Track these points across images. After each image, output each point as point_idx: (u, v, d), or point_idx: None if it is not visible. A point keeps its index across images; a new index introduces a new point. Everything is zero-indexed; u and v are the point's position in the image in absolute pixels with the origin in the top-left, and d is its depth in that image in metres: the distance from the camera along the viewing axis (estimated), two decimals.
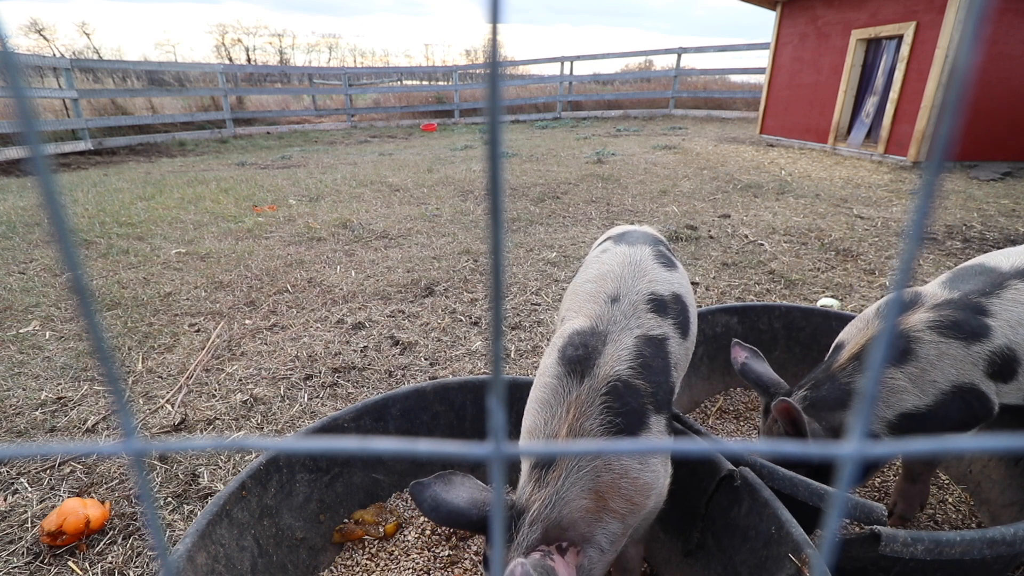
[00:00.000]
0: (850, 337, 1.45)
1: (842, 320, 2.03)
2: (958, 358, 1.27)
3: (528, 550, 1.00)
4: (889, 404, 1.29)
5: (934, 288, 1.42)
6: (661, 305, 1.28)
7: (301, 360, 2.52)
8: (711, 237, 4.16)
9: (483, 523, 1.05)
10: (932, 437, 1.26)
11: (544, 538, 1.02)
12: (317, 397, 2.25)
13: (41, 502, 1.68)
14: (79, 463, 1.85)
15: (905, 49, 6.78)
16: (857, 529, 1.49)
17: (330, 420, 1.49)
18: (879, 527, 1.03)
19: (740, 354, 1.53)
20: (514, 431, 1.46)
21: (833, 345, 1.52)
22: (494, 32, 0.23)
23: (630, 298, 1.28)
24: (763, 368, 1.50)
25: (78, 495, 1.70)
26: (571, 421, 1.09)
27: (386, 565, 1.43)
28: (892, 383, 1.29)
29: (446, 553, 1.46)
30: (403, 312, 3.01)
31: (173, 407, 2.16)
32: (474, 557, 1.46)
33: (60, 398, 2.21)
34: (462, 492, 1.08)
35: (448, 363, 2.50)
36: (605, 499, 1.05)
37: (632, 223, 4.53)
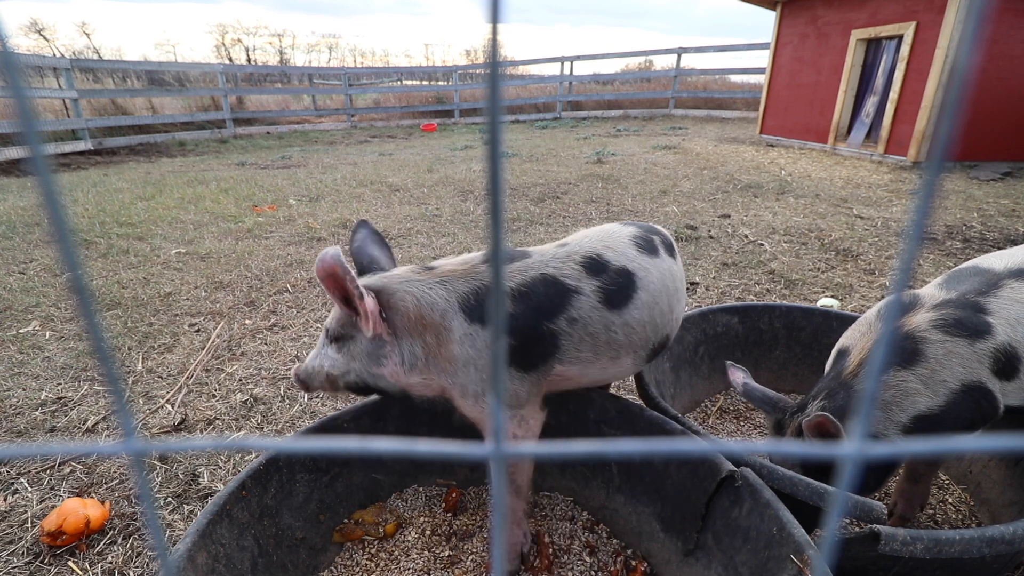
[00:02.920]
0: (854, 342, 1.43)
1: (842, 320, 2.03)
2: (965, 356, 1.26)
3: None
4: (903, 407, 1.28)
5: (931, 290, 1.43)
6: (596, 266, 1.27)
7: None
8: (711, 237, 4.16)
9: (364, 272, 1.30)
10: (932, 438, 1.26)
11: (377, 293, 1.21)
12: (317, 397, 2.25)
13: (41, 502, 1.68)
14: (79, 463, 1.84)
15: (905, 49, 6.78)
16: (856, 528, 1.49)
17: (329, 420, 1.50)
18: (878, 526, 1.03)
19: (737, 375, 1.52)
20: None
21: (835, 351, 1.49)
22: (494, 32, 0.23)
23: (574, 249, 1.29)
24: (761, 387, 1.49)
25: (78, 495, 1.70)
26: None
27: (386, 565, 1.43)
28: (905, 386, 1.28)
29: (446, 553, 1.46)
30: None
31: (173, 407, 2.16)
32: (475, 557, 1.46)
33: (60, 398, 2.21)
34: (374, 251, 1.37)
35: None
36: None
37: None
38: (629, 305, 1.28)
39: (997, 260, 1.44)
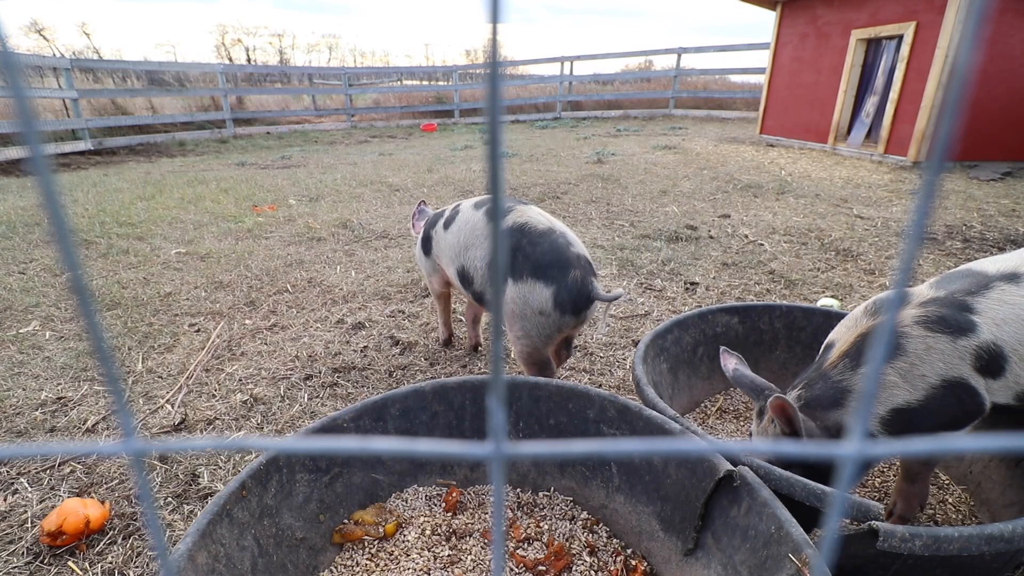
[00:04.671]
0: (839, 336, 1.47)
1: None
2: (945, 352, 1.28)
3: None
4: (881, 400, 1.30)
5: (922, 289, 1.46)
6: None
7: (301, 360, 2.52)
8: (711, 237, 4.16)
9: None
10: (931, 437, 1.26)
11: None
12: (317, 397, 2.25)
13: (41, 502, 1.68)
14: (79, 463, 1.85)
15: (905, 49, 6.78)
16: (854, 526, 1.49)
17: (329, 420, 1.49)
18: (877, 523, 1.03)
19: (730, 361, 1.57)
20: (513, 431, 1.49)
21: (824, 346, 1.53)
22: (494, 32, 0.23)
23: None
24: (753, 373, 1.52)
25: (78, 495, 1.70)
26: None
27: (386, 566, 1.43)
28: (882, 379, 1.30)
29: (446, 553, 1.46)
30: (403, 312, 3.01)
31: (173, 407, 2.16)
32: (474, 557, 1.46)
33: (60, 398, 2.21)
34: None
35: (448, 363, 2.50)
36: None
37: (631, 223, 4.54)
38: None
39: (991, 263, 1.46)
